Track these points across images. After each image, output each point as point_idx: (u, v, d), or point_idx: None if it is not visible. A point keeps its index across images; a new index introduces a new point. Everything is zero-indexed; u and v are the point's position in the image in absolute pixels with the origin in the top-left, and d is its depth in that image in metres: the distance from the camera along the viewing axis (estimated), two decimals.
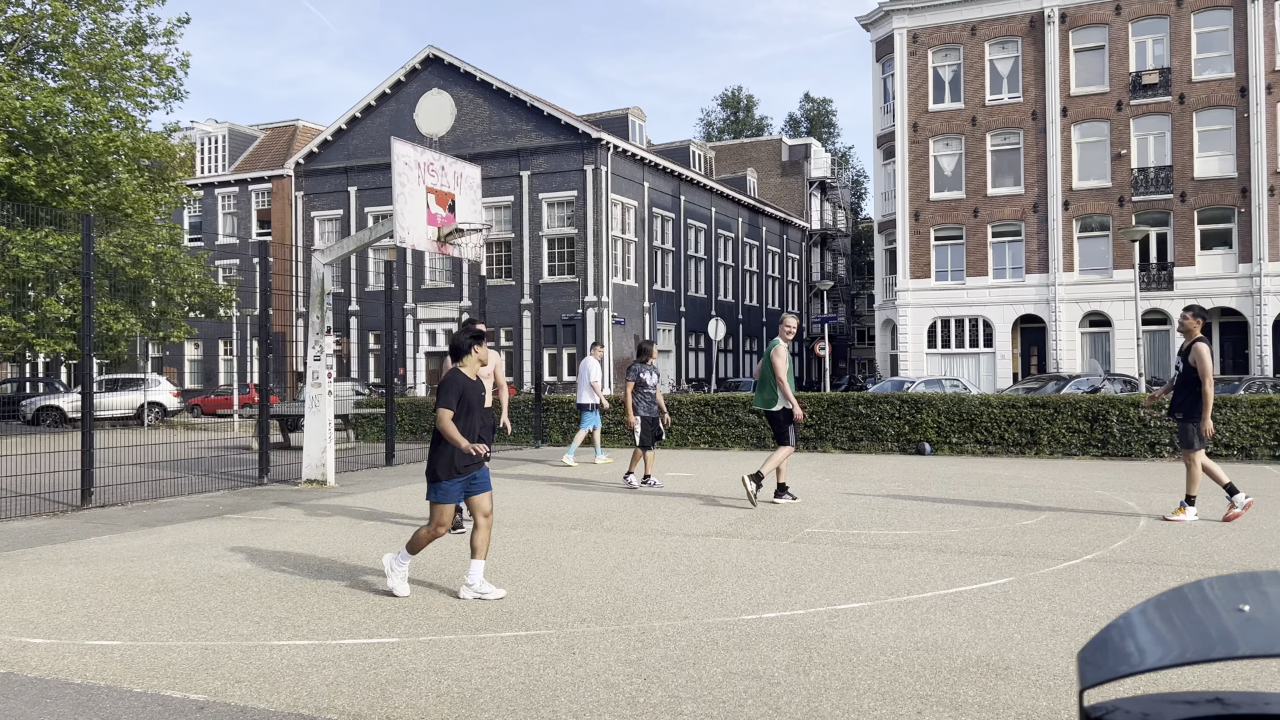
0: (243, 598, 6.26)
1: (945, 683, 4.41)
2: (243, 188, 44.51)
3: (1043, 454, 16.14)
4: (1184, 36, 34.35)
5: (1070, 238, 35.80)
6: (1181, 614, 1.42)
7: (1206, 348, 9.12)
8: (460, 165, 13.22)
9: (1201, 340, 9.16)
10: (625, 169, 39.23)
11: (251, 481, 13.25)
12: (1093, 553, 7.50)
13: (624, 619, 5.60)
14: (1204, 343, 9.16)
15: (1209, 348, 9.19)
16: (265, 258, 12.88)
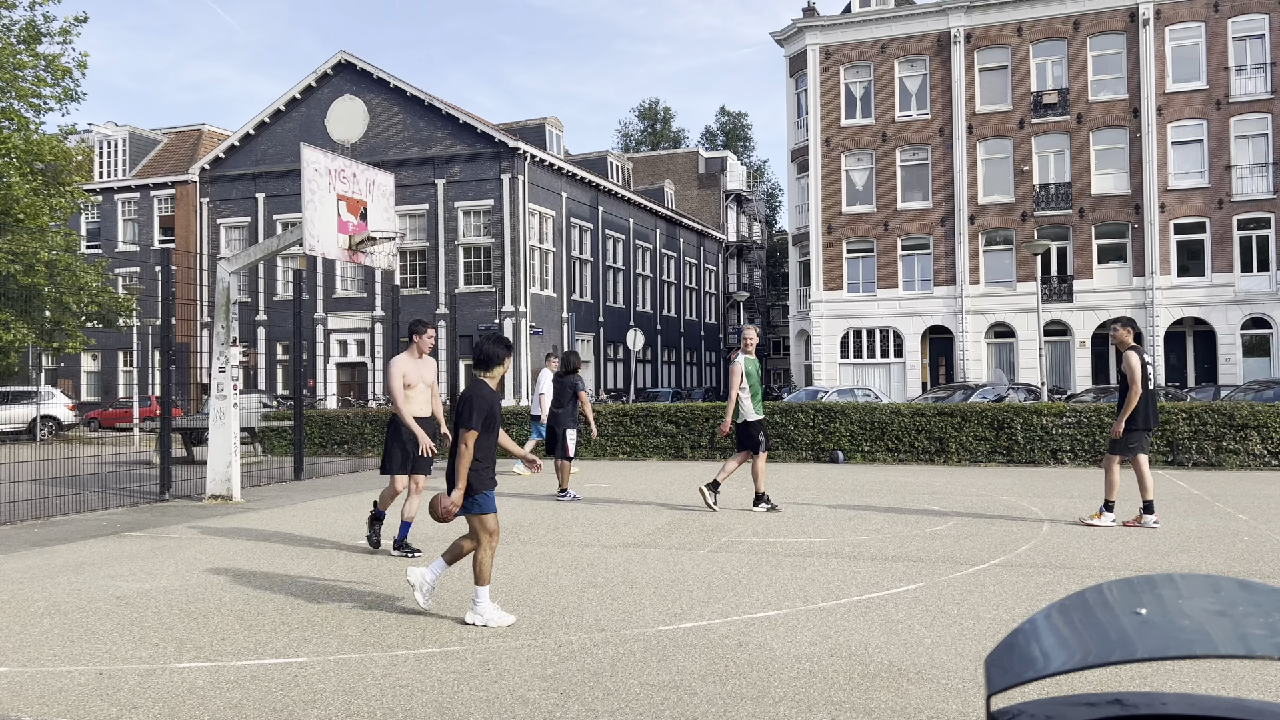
0: (141, 619, 6.01)
1: (859, 688, 4.47)
2: (144, 193, 43.04)
3: (951, 461, 16.56)
4: (1081, 59, 35.82)
5: (976, 251, 36.92)
6: (1083, 618, 1.45)
7: (1137, 357, 9.23)
8: (373, 172, 13.00)
9: (1133, 349, 9.28)
10: (543, 179, 39.13)
11: (152, 498, 12.77)
12: (999, 557, 7.71)
13: (540, 633, 5.55)
14: (1135, 352, 9.26)
15: (1140, 357, 9.27)
16: (168, 265, 12.45)
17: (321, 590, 6.79)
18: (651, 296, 50.15)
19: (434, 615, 6.01)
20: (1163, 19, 35.00)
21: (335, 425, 20.82)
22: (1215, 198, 34.38)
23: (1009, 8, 36.62)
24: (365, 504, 11.96)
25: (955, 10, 37.01)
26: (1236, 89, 34.33)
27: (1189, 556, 7.65)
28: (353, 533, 9.55)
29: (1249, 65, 34.28)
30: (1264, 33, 34.12)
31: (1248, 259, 34.22)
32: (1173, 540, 8.42)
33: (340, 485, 14.34)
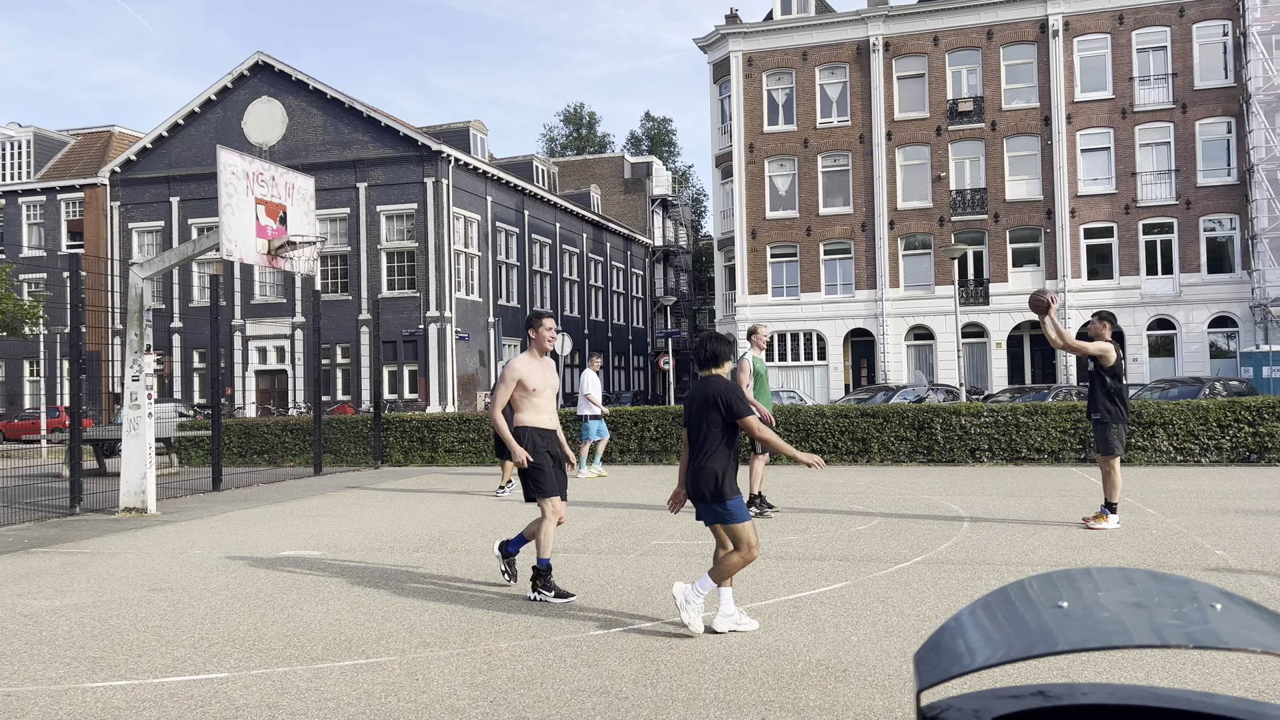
0: (51, 638, 5.78)
1: (787, 687, 4.51)
2: (50, 196, 41.49)
3: (874, 461, 16.87)
4: (994, 68, 36.87)
5: (896, 255, 37.71)
6: (1006, 613, 1.49)
7: (1114, 346, 9.07)
8: (292, 176, 12.74)
9: (1109, 343, 9.06)
10: (467, 182, 38.79)
11: (62, 511, 12.30)
12: (921, 555, 7.87)
13: (469, 641, 5.49)
14: (1111, 344, 9.06)
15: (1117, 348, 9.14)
16: (77, 271, 12.02)
17: (242, 603, 6.61)
18: (579, 301, 50.09)
19: (358, 627, 5.90)
20: (1071, 30, 36.22)
21: (255, 434, 20.32)
22: (1122, 203, 35.69)
23: (925, 18, 37.52)
24: (286, 514, 11.70)
25: (874, 19, 37.77)
26: (1141, 99, 35.70)
27: (1101, 551, 7.91)
28: (274, 543, 9.33)
29: (1152, 76, 35.69)
30: (1165, 45, 35.56)
31: (1152, 262, 35.59)
32: (1086, 535, 8.70)
33: (260, 495, 14.00)
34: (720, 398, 5.40)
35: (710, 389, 5.45)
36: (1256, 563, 7.20)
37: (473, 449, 19.10)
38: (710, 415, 5.40)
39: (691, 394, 5.57)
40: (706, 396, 5.45)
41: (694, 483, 5.40)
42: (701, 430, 5.42)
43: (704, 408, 5.44)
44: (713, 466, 5.35)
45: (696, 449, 5.43)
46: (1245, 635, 1.27)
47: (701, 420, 5.43)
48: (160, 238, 39.70)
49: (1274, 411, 15.31)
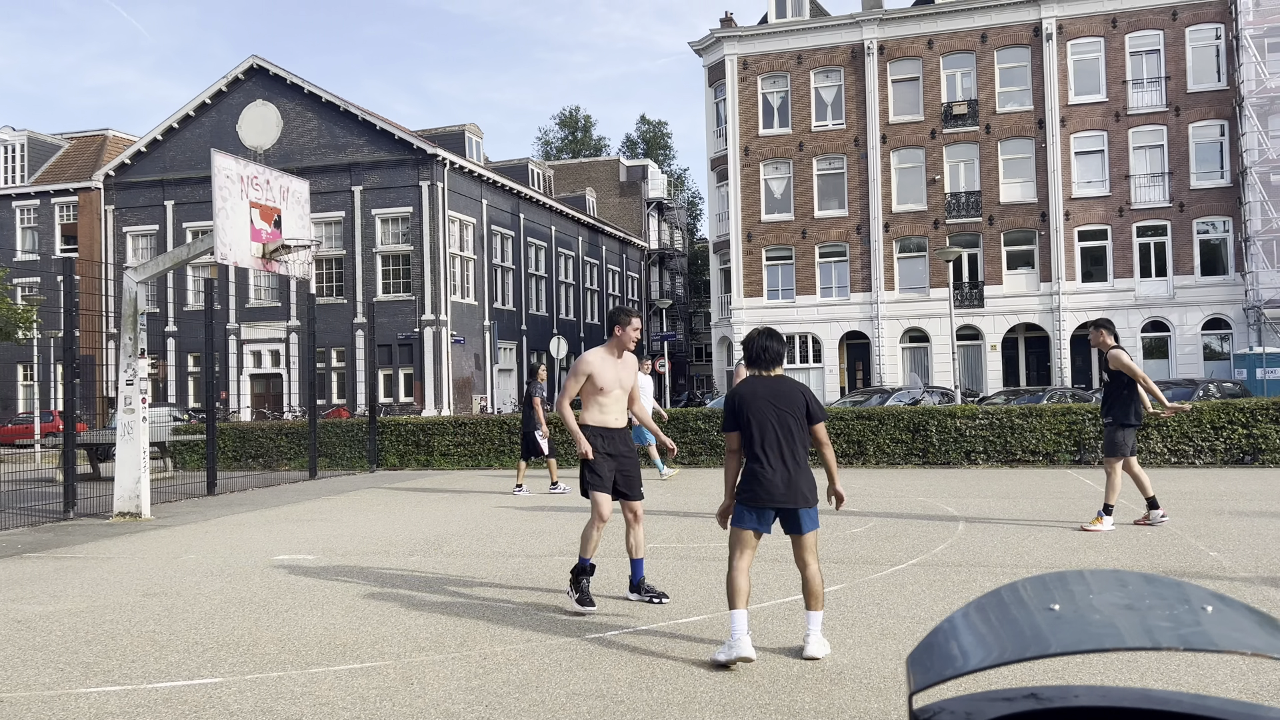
0: (44, 643, 5.76)
1: (783, 690, 4.51)
2: (44, 200, 41.41)
3: (869, 464, 16.88)
4: (989, 71, 36.96)
5: (891, 258, 37.76)
6: (999, 615, 1.49)
7: (1123, 352, 9.08)
8: (287, 179, 12.73)
9: (1116, 348, 9.10)
10: (463, 186, 38.79)
11: (56, 516, 12.27)
12: (917, 557, 7.88)
13: (464, 645, 5.48)
14: (1120, 349, 9.11)
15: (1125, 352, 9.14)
16: (70, 275, 12.00)
17: (237, 608, 6.60)
18: (574, 304, 50.09)
19: (354, 632, 5.89)
20: (1065, 34, 36.33)
21: (250, 438, 20.28)
22: (1116, 206, 35.78)
23: (919, 21, 37.60)
24: (281, 518, 11.68)
25: (868, 23, 37.85)
26: (1134, 102, 35.81)
27: (1096, 553, 7.92)
28: (269, 548, 9.31)
29: (1145, 79, 35.79)
30: (1158, 48, 35.68)
31: (1146, 265, 35.68)
32: (1081, 537, 8.72)
33: (255, 500, 13.97)
34: (809, 399, 5.18)
35: (797, 389, 5.18)
36: (1250, 564, 7.22)
37: (468, 452, 19.08)
38: (799, 417, 5.10)
39: (763, 392, 5.13)
40: (794, 396, 5.14)
41: (799, 486, 5.03)
42: (791, 432, 5.07)
43: (792, 408, 5.10)
44: (809, 470, 5.12)
45: (784, 451, 5.05)
46: (1236, 638, 1.27)
47: (789, 421, 5.08)
48: (155, 241, 39.64)
49: (1267, 413, 15.35)
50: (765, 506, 5.00)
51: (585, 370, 6.30)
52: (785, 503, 5.01)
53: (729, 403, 5.20)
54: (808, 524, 5.05)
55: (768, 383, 5.19)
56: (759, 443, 5.07)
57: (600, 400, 6.33)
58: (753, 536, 5.03)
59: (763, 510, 5.02)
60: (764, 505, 5.00)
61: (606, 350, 6.39)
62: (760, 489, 5.00)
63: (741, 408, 5.14)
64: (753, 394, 5.16)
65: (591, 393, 6.33)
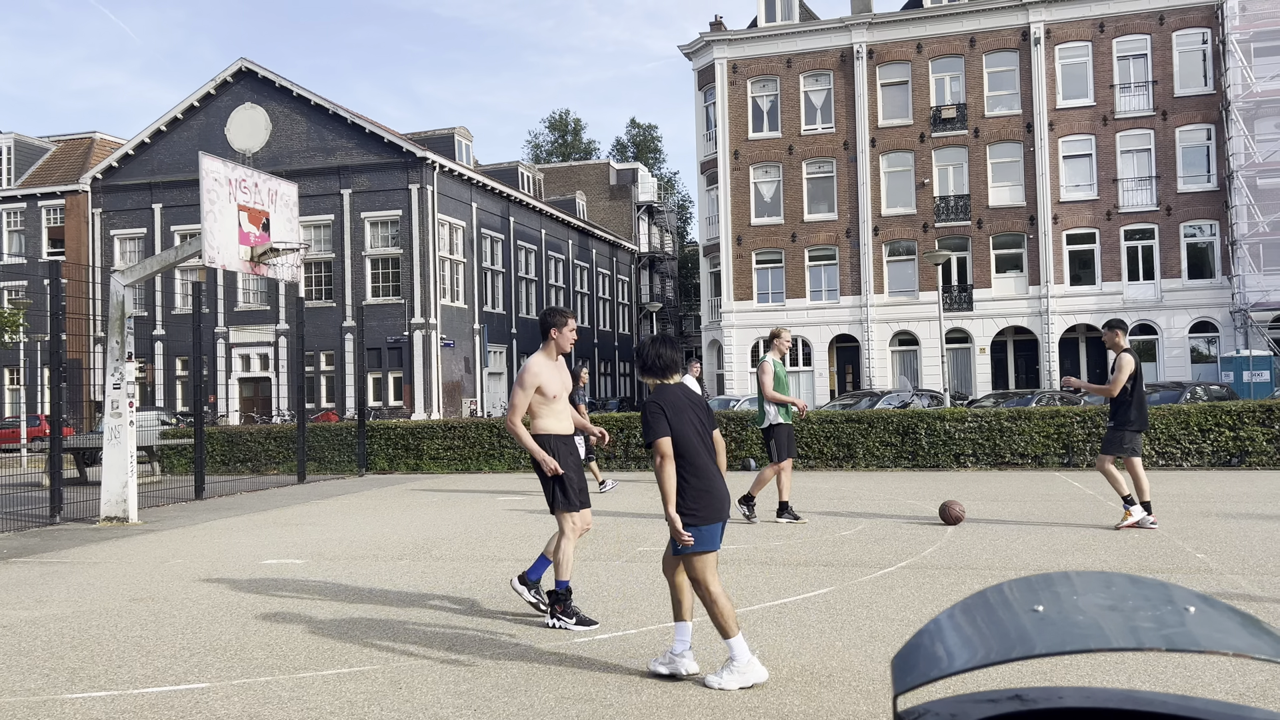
0: (29, 649, 5.72)
1: (772, 693, 4.51)
2: (31, 203, 41.20)
3: (859, 466, 16.91)
4: (977, 75, 37.10)
5: (880, 261, 37.85)
6: (984, 617, 1.49)
7: (1131, 360, 9.21)
8: (275, 182, 12.70)
9: (1126, 352, 9.25)
10: (452, 189, 38.74)
11: (42, 521, 12.19)
12: (906, 560, 7.89)
13: (453, 649, 5.46)
14: (1128, 354, 9.24)
15: (1133, 359, 9.26)
16: (57, 278, 11.94)
17: (224, 613, 6.57)
18: (565, 307, 50.03)
19: (343, 636, 5.87)
20: (1053, 38, 36.50)
21: (238, 442, 20.20)
22: (1104, 209, 35.95)
23: (908, 25, 37.73)
24: (269, 523, 11.64)
25: (857, 27, 37.96)
26: (1122, 106, 35.99)
27: (1084, 554, 7.95)
28: (257, 552, 9.27)
29: (1132, 83, 35.98)
30: (1145, 52, 35.88)
31: (1134, 268, 35.85)
32: (1069, 539, 8.75)
33: (244, 504, 13.92)
34: (707, 405, 4.92)
35: (699, 396, 4.95)
36: (1237, 565, 7.25)
37: (458, 456, 19.04)
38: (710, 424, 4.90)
39: (687, 401, 4.86)
40: (706, 405, 4.90)
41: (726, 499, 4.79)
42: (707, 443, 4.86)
43: (709, 417, 4.88)
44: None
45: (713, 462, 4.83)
46: (1219, 638, 1.28)
47: (707, 431, 4.86)
48: (142, 245, 39.47)
49: (1254, 416, 15.43)
50: (720, 521, 4.74)
51: (534, 381, 6.00)
52: (729, 514, 4.77)
53: (658, 407, 4.78)
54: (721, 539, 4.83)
55: (683, 390, 4.90)
56: (701, 454, 4.77)
57: (554, 408, 6.08)
58: (716, 556, 4.76)
59: (717, 525, 4.73)
60: (720, 520, 4.74)
61: (546, 355, 6.16)
62: (716, 503, 4.73)
63: (676, 415, 4.78)
64: (681, 403, 4.84)
65: (543, 401, 6.06)
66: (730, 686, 4.56)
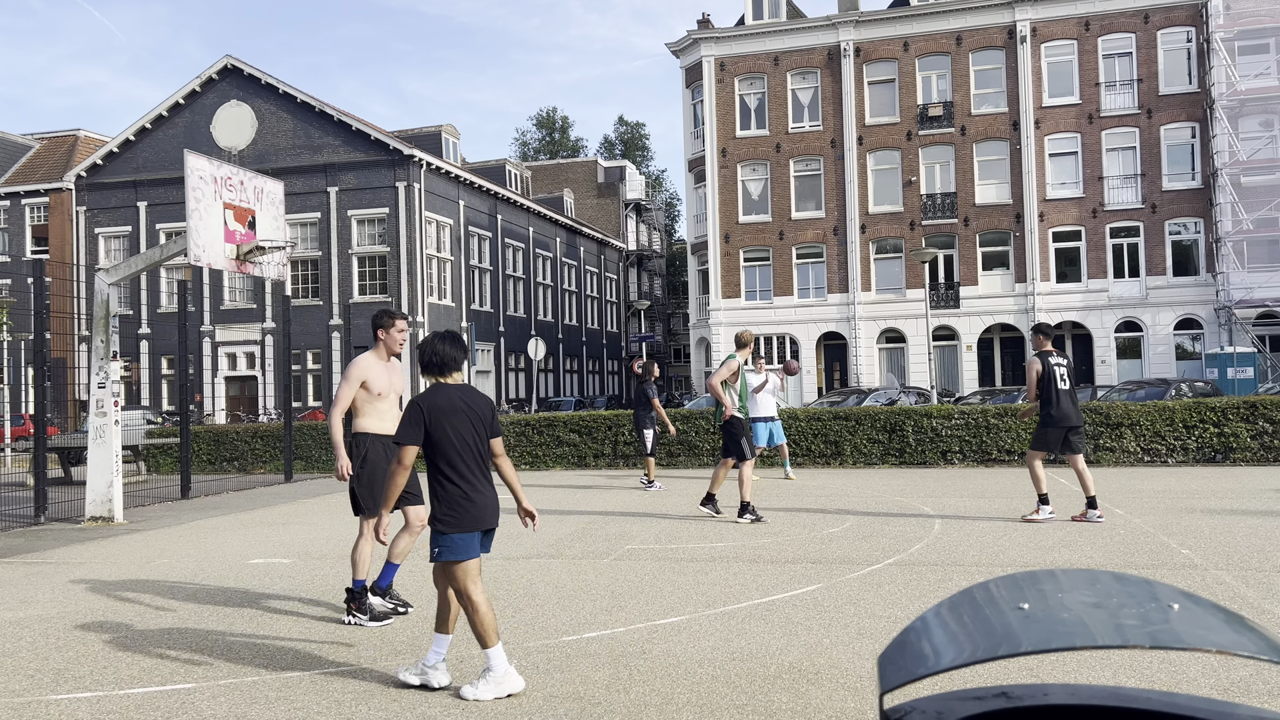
0: (14, 650, 5.69)
1: (760, 691, 4.52)
2: (15, 201, 40.89)
3: (846, 464, 16.95)
4: (964, 73, 37.22)
5: (867, 259, 37.95)
6: (971, 614, 1.49)
7: (1038, 363, 9.68)
8: (261, 180, 12.64)
9: (1036, 355, 9.75)
10: (440, 187, 38.64)
11: (26, 521, 12.11)
12: (893, 557, 7.91)
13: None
14: (1037, 358, 9.72)
15: (1042, 363, 9.69)
16: (41, 277, 11.86)
17: (211, 613, 6.54)
18: (552, 305, 50.00)
19: (330, 635, 5.85)
20: (1039, 36, 36.64)
21: (224, 441, 20.11)
22: (1089, 207, 36.12)
23: (895, 23, 37.81)
24: (256, 522, 11.59)
25: (845, 25, 38.02)
26: (1107, 104, 36.16)
27: (1070, 551, 7.99)
28: (244, 551, 9.24)
29: (1118, 81, 36.16)
30: (1131, 51, 36.05)
31: (1120, 265, 36.03)
32: (1055, 535, 8.79)
33: (230, 503, 13.86)
34: (494, 411, 4.78)
35: (487, 400, 4.78)
36: (1221, 561, 7.30)
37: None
38: (487, 430, 4.73)
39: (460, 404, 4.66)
40: (486, 409, 4.74)
41: (496, 508, 4.69)
42: (484, 446, 4.70)
43: (485, 421, 4.71)
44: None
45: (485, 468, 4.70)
46: (1203, 635, 1.28)
47: (482, 434, 4.69)
48: (127, 243, 39.24)
49: (1238, 412, 15.54)
50: (479, 530, 4.61)
51: (360, 376, 6.10)
52: (494, 523, 4.67)
53: (417, 411, 4.61)
54: (491, 542, 4.76)
55: (462, 392, 4.73)
56: (464, 460, 4.61)
57: (379, 406, 6.16)
58: (478, 565, 4.64)
59: (475, 534, 4.60)
60: (479, 529, 4.61)
61: (375, 354, 6.24)
62: (476, 511, 4.59)
63: (439, 420, 4.61)
64: (451, 405, 4.65)
65: (368, 399, 6.14)
66: (485, 697, 4.48)
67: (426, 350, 4.77)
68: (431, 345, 4.77)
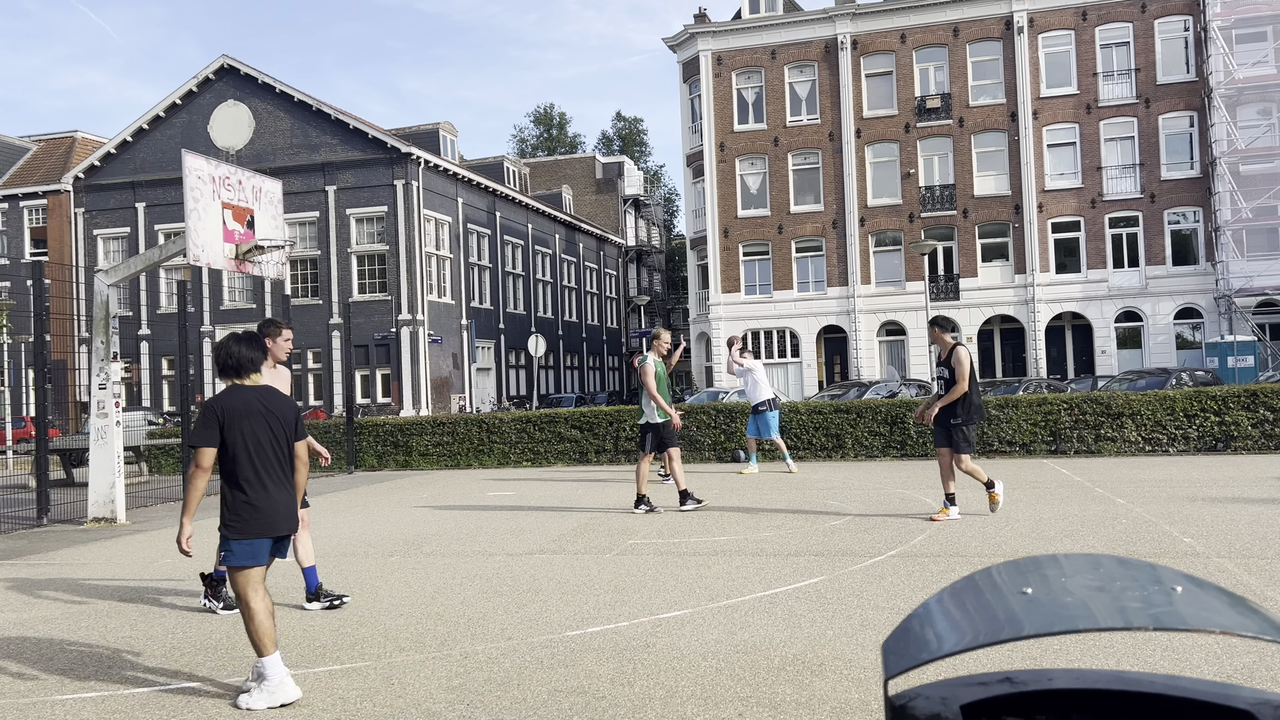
0: (18, 651, 5.70)
1: (764, 683, 4.53)
2: (13, 203, 40.88)
3: (848, 457, 16.95)
4: (961, 65, 37.17)
5: (867, 252, 37.92)
6: (973, 600, 1.50)
7: (966, 353, 9.34)
8: (259, 179, 12.63)
9: (959, 345, 9.40)
10: (438, 184, 38.61)
11: (29, 523, 12.12)
12: (896, 548, 7.92)
13: (445, 645, 5.46)
14: (963, 348, 9.38)
15: (968, 351, 9.43)
16: (40, 278, 11.85)
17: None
18: (552, 302, 49.98)
19: (334, 633, 5.86)
20: (1036, 27, 36.58)
21: None
22: (1088, 198, 36.09)
23: (892, 15, 37.75)
24: None
25: (841, 17, 37.96)
26: (1105, 94, 36.11)
27: (1073, 540, 7.99)
28: None
29: (1115, 71, 36.11)
30: (1128, 40, 36.00)
31: (1119, 256, 36.01)
32: (1058, 525, 8.80)
33: None
34: (298, 414, 4.71)
35: (290, 402, 4.72)
36: (1224, 549, 7.31)
37: (447, 452, 19.02)
38: (289, 433, 4.67)
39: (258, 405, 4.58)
40: (288, 411, 4.67)
41: (294, 508, 4.65)
42: (284, 450, 4.62)
43: (286, 423, 4.65)
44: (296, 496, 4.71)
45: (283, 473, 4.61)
46: (1205, 616, 1.29)
47: (283, 438, 4.62)
48: (126, 244, 39.23)
49: (1239, 401, 15.54)
50: (267, 536, 4.54)
51: None
52: (287, 530, 4.61)
53: (212, 413, 4.53)
54: (288, 547, 4.73)
55: (259, 394, 4.62)
56: (256, 464, 4.53)
57: None
58: (263, 571, 4.59)
59: (263, 541, 4.54)
60: (270, 535, 4.54)
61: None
62: (264, 519, 4.51)
63: (233, 422, 4.52)
64: (247, 407, 4.56)
65: None
66: (258, 706, 4.39)
67: (221, 353, 4.66)
68: (226, 347, 4.65)
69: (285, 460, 4.66)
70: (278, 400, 4.69)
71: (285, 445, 4.66)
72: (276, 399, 4.68)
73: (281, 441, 4.65)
